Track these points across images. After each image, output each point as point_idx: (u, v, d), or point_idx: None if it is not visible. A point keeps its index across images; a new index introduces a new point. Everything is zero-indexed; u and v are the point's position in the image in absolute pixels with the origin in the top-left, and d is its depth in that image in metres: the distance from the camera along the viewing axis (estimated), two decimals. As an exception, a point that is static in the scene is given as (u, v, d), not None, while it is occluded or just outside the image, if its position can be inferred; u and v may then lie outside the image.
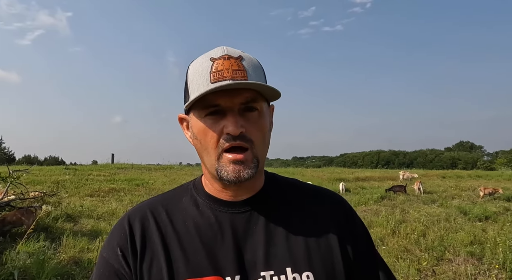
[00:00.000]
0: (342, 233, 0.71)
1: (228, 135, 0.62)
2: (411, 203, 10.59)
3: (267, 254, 0.66)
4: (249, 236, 0.67)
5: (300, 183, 0.81)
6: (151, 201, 0.75)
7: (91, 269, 4.28)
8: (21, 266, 4.04)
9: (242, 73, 0.62)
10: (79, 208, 8.53)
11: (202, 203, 0.71)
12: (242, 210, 0.70)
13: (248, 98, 0.63)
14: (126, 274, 0.65)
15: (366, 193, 12.54)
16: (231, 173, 0.63)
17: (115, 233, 0.69)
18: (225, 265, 0.64)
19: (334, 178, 18.25)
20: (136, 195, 11.58)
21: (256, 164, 0.65)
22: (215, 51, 0.65)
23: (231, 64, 0.62)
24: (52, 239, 5.59)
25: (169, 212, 0.71)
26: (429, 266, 4.65)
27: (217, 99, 0.62)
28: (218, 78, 0.61)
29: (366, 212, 9.06)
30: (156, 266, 0.64)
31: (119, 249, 0.66)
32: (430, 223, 7.15)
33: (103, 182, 13.87)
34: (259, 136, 0.65)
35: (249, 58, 0.65)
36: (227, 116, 0.62)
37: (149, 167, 21.92)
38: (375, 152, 75.36)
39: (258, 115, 0.65)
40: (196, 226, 0.68)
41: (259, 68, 0.67)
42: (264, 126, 0.66)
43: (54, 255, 4.76)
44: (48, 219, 6.88)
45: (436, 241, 5.69)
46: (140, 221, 0.69)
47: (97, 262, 0.69)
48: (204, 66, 0.63)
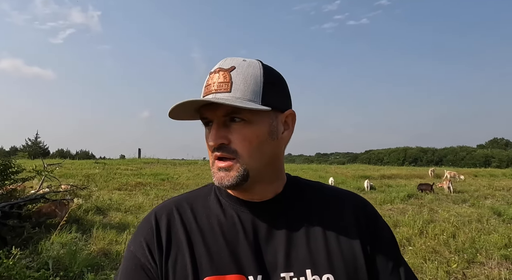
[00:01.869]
0: (365, 237, 0.70)
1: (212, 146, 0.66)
2: (440, 203, 10.21)
3: (287, 256, 0.66)
4: (270, 237, 0.68)
5: (322, 185, 0.80)
6: (177, 198, 0.77)
7: (119, 260, 4.43)
8: (55, 256, 4.24)
9: (226, 85, 0.63)
10: (108, 201, 8.87)
11: (225, 203, 0.73)
12: (264, 211, 0.71)
13: (229, 110, 0.63)
14: (152, 268, 0.66)
15: (392, 191, 12.20)
16: (216, 180, 0.66)
17: (142, 228, 0.71)
18: (247, 265, 0.65)
19: (358, 175, 17.89)
20: (162, 189, 11.89)
21: (242, 173, 0.65)
22: (217, 64, 0.68)
23: (218, 77, 0.65)
24: (83, 231, 5.85)
25: (194, 210, 0.73)
26: (459, 268, 4.47)
27: (204, 112, 0.66)
28: (207, 92, 0.65)
29: (392, 211, 8.83)
30: (181, 262, 0.66)
31: (145, 243, 0.68)
32: (461, 224, 6.86)
33: (130, 176, 14.33)
34: (246, 147, 0.65)
35: (245, 68, 0.65)
36: (212, 128, 0.66)
37: (174, 162, 22.41)
38: (402, 149, 73.12)
39: (244, 126, 0.65)
40: (220, 224, 0.70)
41: (253, 78, 0.65)
42: (252, 136, 0.65)
43: (85, 246, 4.97)
44: (80, 212, 7.21)
45: (467, 243, 5.46)
46: (166, 217, 0.71)
47: (124, 255, 0.71)
48: (204, 80, 0.68)
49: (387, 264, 0.70)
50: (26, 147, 39.81)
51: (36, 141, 41.04)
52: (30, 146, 39.79)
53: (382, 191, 12.56)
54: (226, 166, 0.65)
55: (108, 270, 4.18)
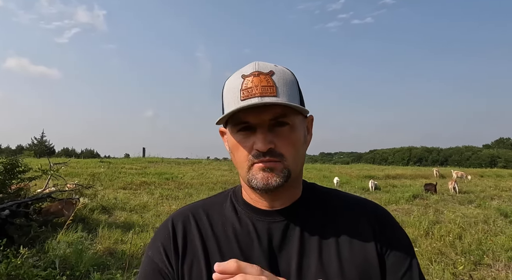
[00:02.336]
0: (381, 245, 0.70)
1: (257, 151, 0.64)
2: (445, 203, 10.13)
3: (300, 264, 0.66)
4: (284, 245, 0.68)
5: (338, 193, 0.80)
6: (193, 205, 0.78)
7: (124, 260, 4.45)
8: (61, 255, 4.28)
9: (271, 89, 0.63)
10: (113, 200, 8.91)
11: (240, 211, 0.73)
12: (279, 219, 0.71)
13: (277, 114, 0.63)
14: (169, 273, 0.68)
15: (397, 192, 12.14)
16: (260, 181, 0.64)
17: (159, 234, 0.73)
18: None
19: (363, 175, 17.80)
20: (166, 188, 11.91)
21: (286, 174, 0.65)
22: (247, 67, 0.66)
23: (260, 80, 0.63)
24: (89, 230, 5.88)
25: (210, 217, 0.74)
26: (466, 270, 4.44)
27: (246, 116, 0.63)
28: (248, 96, 0.62)
29: (397, 212, 8.79)
30: (197, 268, 0.67)
31: (162, 248, 0.70)
32: (467, 225, 6.80)
33: (135, 175, 14.38)
34: (290, 150, 0.65)
35: (281, 73, 0.66)
36: (257, 133, 0.64)
37: (178, 161, 22.46)
38: (407, 149, 72.72)
39: (289, 130, 0.65)
40: (235, 232, 0.70)
41: (291, 82, 0.67)
42: (296, 140, 0.66)
43: (90, 246, 5.00)
44: (85, 211, 7.25)
45: (474, 245, 5.41)
46: (182, 223, 0.72)
47: (143, 260, 0.72)
48: (236, 83, 0.65)
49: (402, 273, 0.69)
50: (32, 145, 40.15)
51: (42, 140, 41.36)
52: (36, 145, 40.12)
53: (387, 192, 12.50)
54: (271, 166, 0.64)
55: (114, 269, 4.20)
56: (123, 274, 3.92)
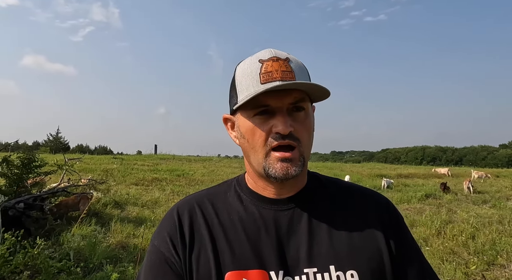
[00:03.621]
0: (388, 235, 0.70)
1: (277, 134, 0.64)
2: (459, 203, 9.95)
3: (310, 251, 0.67)
4: (293, 233, 0.69)
5: (342, 182, 0.81)
6: (198, 194, 0.78)
7: (136, 253, 4.54)
8: (75, 247, 4.39)
9: (291, 74, 0.64)
10: (126, 196, 9.07)
11: (246, 199, 0.73)
12: (285, 207, 0.71)
13: (297, 98, 0.64)
14: (176, 262, 0.67)
15: (409, 191, 11.98)
16: (279, 171, 0.65)
17: (165, 224, 0.72)
18: (269, 260, 0.65)
19: (374, 174, 17.63)
20: (177, 185, 12.05)
21: (302, 162, 0.66)
22: (263, 53, 0.67)
23: (280, 65, 0.64)
24: (102, 224, 6.01)
25: (215, 206, 0.73)
26: (479, 270, 4.36)
27: (267, 100, 0.63)
28: (268, 79, 0.63)
29: (408, 211, 8.68)
30: (204, 257, 0.67)
31: (169, 238, 0.69)
32: (480, 225, 6.67)
33: (147, 171, 14.58)
34: (306, 136, 0.67)
35: (296, 60, 0.67)
36: (276, 116, 0.64)
37: (189, 158, 22.67)
38: (420, 148, 71.56)
39: (305, 115, 0.67)
40: (241, 220, 0.70)
41: (305, 70, 0.69)
42: (310, 126, 0.68)
43: (104, 239, 5.12)
44: (99, 205, 7.41)
45: (487, 245, 5.31)
46: (188, 213, 0.72)
47: (148, 250, 0.72)
48: (253, 67, 0.65)
49: (412, 264, 0.70)
50: (48, 142, 41.10)
51: (57, 137, 42.29)
52: (52, 141, 41.06)
53: (399, 190, 12.34)
54: (291, 156, 0.65)
55: (126, 262, 4.29)
56: (135, 267, 3.99)
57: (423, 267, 0.72)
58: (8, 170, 5.54)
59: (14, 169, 5.56)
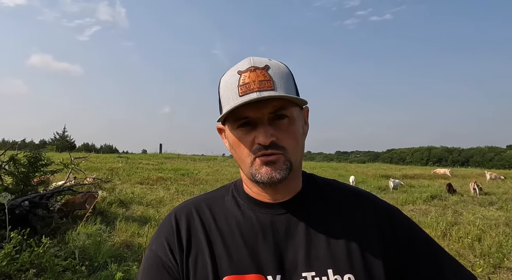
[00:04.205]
0: (385, 237, 0.69)
1: (259, 145, 0.64)
2: (465, 205, 9.85)
3: (308, 255, 0.66)
4: (290, 237, 0.68)
5: (339, 184, 0.80)
6: (195, 199, 0.78)
7: (141, 253, 4.56)
8: (81, 246, 4.42)
9: (269, 83, 0.63)
10: (130, 194, 9.11)
11: (243, 204, 0.74)
12: (282, 211, 0.71)
13: (276, 107, 0.64)
14: (173, 267, 0.67)
15: (414, 192, 11.89)
16: (264, 175, 0.65)
17: (163, 228, 0.73)
18: (266, 264, 0.66)
19: (379, 175, 17.53)
20: (182, 184, 12.08)
21: (288, 166, 0.66)
22: (242, 63, 0.67)
23: (257, 75, 0.64)
24: (107, 223, 6.04)
25: (212, 211, 0.74)
26: (485, 273, 4.32)
27: (247, 112, 0.64)
28: (246, 91, 0.63)
29: (413, 212, 8.62)
30: (201, 262, 0.67)
31: (166, 243, 0.70)
32: (487, 227, 6.60)
33: (151, 170, 14.64)
34: (291, 142, 0.66)
35: (276, 66, 0.66)
36: (257, 127, 0.64)
37: (194, 158, 22.73)
38: (426, 148, 71.05)
39: (289, 122, 0.66)
40: (238, 225, 0.70)
41: (287, 75, 0.67)
42: (295, 132, 0.67)
43: (108, 238, 5.14)
44: (104, 204, 7.46)
45: (494, 247, 5.25)
46: (186, 218, 0.72)
47: (145, 254, 0.72)
48: (233, 79, 0.66)
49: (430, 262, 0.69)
50: (54, 140, 41.48)
51: (63, 135, 42.66)
52: (58, 140, 41.43)
53: (404, 191, 12.25)
54: (274, 159, 0.65)
55: (131, 261, 4.31)
56: (139, 266, 4.01)
57: (442, 259, 0.70)
58: (15, 168, 5.60)
59: (21, 168, 5.62)
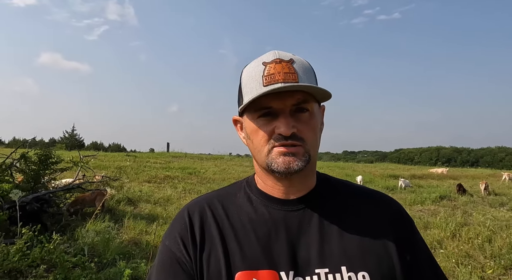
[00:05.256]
0: (399, 238, 0.70)
1: (280, 135, 0.65)
2: (474, 205, 9.72)
3: (321, 252, 0.66)
4: (303, 233, 0.69)
5: (352, 184, 0.81)
6: (208, 196, 0.78)
7: (149, 250, 4.60)
8: (90, 243, 4.48)
9: (293, 75, 0.64)
10: (138, 193, 9.19)
11: (255, 200, 0.74)
12: (296, 208, 0.71)
13: (299, 99, 0.65)
14: (187, 262, 0.68)
15: (423, 192, 11.77)
16: (281, 165, 0.65)
17: (176, 224, 0.73)
18: (279, 260, 0.66)
19: (387, 175, 17.39)
20: (189, 183, 12.15)
21: (307, 158, 0.66)
22: (267, 55, 0.68)
23: (282, 67, 0.65)
24: (115, 220, 6.11)
25: (225, 207, 0.74)
26: (495, 275, 4.26)
27: (270, 102, 0.65)
28: (270, 81, 0.64)
29: (422, 212, 8.52)
30: (215, 257, 0.67)
31: (180, 238, 0.70)
32: (498, 228, 6.50)
33: (159, 169, 14.74)
34: (311, 135, 0.67)
35: (300, 61, 0.68)
36: (279, 118, 0.65)
37: (201, 157, 22.82)
38: (435, 148, 70.28)
39: (309, 116, 0.67)
40: (251, 221, 0.71)
41: (310, 70, 0.69)
42: (315, 126, 0.68)
43: (117, 235, 5.20)
44: (112, 202, 7.54)
45: (505, 249, 5.16)
46: (198, 214, 0.73)
47: (159, 250, 0.73)
48: (257, 70, 0.66)
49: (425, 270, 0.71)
50: (63, 139, 42.02)
51: (72, 134, 43.21)
52: (67, 138, 41.96)
53: (413, 192, 12.13)
54: (293, 151, 0.65)
55: (139, 258, 4.35)
56: (147, 263, 4.04)
57: (436, 272, 0.72)
58: (26, 166, 5.68)
59: (32, 165, 5.71)
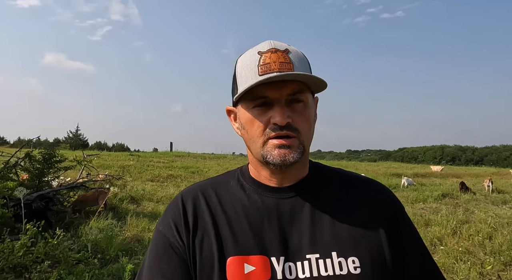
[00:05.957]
0: (389, 225, 0.71)
1: (275, 125, 0.65)
2: (477, 203, 9.70)
3: (312, 238, 0.68)
4: (295, 220, 0.70)
5: (345, 171, 0.82)
6: (201, 183, 0.80)
7: (151, 247, 4.66)
8: (93, 240, 4.55)
9: (289, 65, 0.65)
10: (141, 191, 9.28)
11: (248, 188, 0.75)
12: (288, 195, 0.72)
13: (295, 89, 0.65)
14: (180, 247, 0.69)
15: (425, 190, 11.76)
16: (277, 157, 0.65)
17: (169, 211, 0.75)
18: (270, 246, 0.67)
19: (390, 173, 17.38)
20: (192, 181, 12.22)
21: (302, 150, 0.67)
22: (262, 45, 0.68)
23: (278, 57, 0.65)
24: (118, 218, 6.19)
25: (218, 194, 0.75)
26: (494, 271, 4.27)
27: (265, 91, 0.65)
28: (266, 71, 0.64)
29: (424, 210, 8.53)
30: (207, 242, 0.69)
31: (173, 224, 0.71)
32: (499, 226, 6.50)
33: (162, 168, 14.85)
34: (305, 126, 0.67)
35: (295, 51, 0.68)
36: (274, 107, 0.65)
37: (204, 156, 22.92)
38: (439, 147, 69.94)
39: (304, 106, 0.67)
40: (244, 208, 0.72)
41: (305, 61, 0.69)
42: (309, 117, 0.69)
43: (120, 232, 5.27)
44: (115, 200, 7.63)
45: (505, 245, 5.17)
46: (192, 201, 0.74)
47: (153, 235, 0.75)
48: (252, 59, 0.67)
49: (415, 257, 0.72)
50: (67, 139, 42.32)
51: (76, 134, 43.49)
52: (72, 138, 42.26)
53: (415, 190, 12.12)
54: (289, 143, 0.66)
55: (141, 255, 4.41)
56: (149, 259, 4.12)
57: (425, 257, 0.74)
58: (31, 165, 5.78)
59: (36, 164, 5.80)
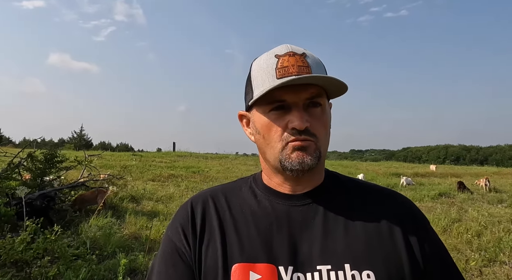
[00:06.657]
0: (409, 236, 0.67)
1: (293, 129, 0.63)
2: (472, 202, 9.78)
3: (324, 248, 0.64)
4: (306, 228, 0.67)
5: (364, 182, 0.80)
6: (213, 189, 0.79)
7: (148, 244, 4.85)
8: (92, 237, 4.75)
9: (307, 69, 0.63)
10: (142, 191, 9.45)
11: (260, 194, 0.73)
12: (300, 203, 0.70)
13: (314, 93, 0.64)
14: (186, 252, 0.68)
15: (423, 189, 11.86)
16: (295, 160, 0.64)
17: (178, 215, 0.74)
18: (279, 255, 0.64)
19: (390, 173, 17.44)
20: (192, 181, 12.41)
21: (318, 155, 0.65)
22: (280, 48, 0.67)
23: (296, 60, 0.64)
24: (117, 217, 6.37)
25: (228, 199, 0.74)
26: (478, 266, 4.41)
27: (283, 95, 0.63)
28: (284, 74, 0.62)
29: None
30: (212, 248, 0.67)
31: (181, 229, 0.71)
32: (489, 224, 6.62)
33: (164, 168, 15.04)
34: (322, 132, 0.66)
35: (312, 56, 0.67)
36: (292, 111, 0.63)
37: (206, 156, 23.10)
38: (443, 147, 69.61)
39: (322, 111, 0.66)
40: (253, 214, 0.70)
41: (321, 65, 0.68)
42: (326, 122, 0.67)
43: (118, 230, 5.45)
44: (115, 199, 7.83)
45: (492, 242, 5.30)
46: (201, 205, 0.73)
47: (162, 239, 0.74)
48: (269, 62, 0.65)
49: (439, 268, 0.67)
50: (72, 139, 42.80)
51: (81, 134, 43.95)
52: (76, 138, 42.72)
53: (412, 189, 12.23)
54: (306, 145, 0.64)
55: (137, 251, 4.59)
56: (145, 256, 4.29)
57: (451, 275, 0.68)
58: (33, 165, 6.00)
59: (38, 164, 6.02)
